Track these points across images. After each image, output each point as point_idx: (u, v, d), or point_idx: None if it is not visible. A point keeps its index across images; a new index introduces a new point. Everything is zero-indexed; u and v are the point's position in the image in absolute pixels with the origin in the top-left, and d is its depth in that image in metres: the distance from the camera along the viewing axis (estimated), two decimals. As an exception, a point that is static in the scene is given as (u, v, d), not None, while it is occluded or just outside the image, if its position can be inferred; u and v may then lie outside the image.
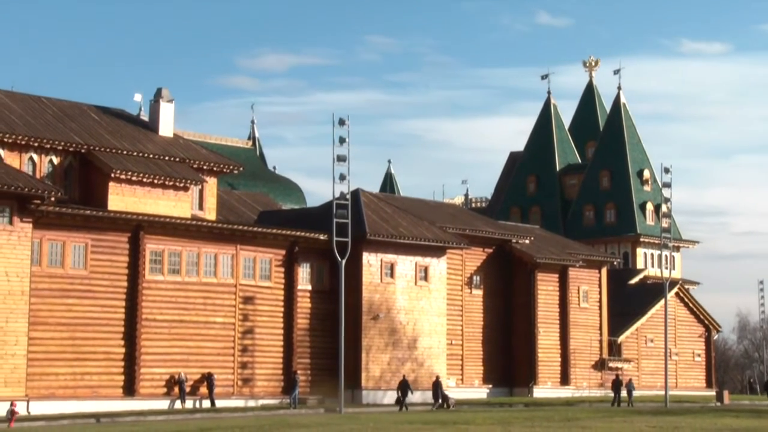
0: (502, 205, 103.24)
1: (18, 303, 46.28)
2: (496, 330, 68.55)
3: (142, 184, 53.59)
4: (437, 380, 57.64)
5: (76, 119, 55.55)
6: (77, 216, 49.44)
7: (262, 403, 54.47)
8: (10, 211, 46.32)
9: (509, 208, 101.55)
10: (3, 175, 46.48)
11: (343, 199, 52.68)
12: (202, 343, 53.46)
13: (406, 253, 60.64)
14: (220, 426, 38.63)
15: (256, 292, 55.77)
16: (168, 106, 58.93)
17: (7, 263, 46.01)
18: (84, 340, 49.38)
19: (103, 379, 49.90)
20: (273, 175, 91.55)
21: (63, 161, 52.83)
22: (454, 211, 75.08)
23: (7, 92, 55.23)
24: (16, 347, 46.08)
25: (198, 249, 53.56)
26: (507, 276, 69.50)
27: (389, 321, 59.63)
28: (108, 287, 50.41)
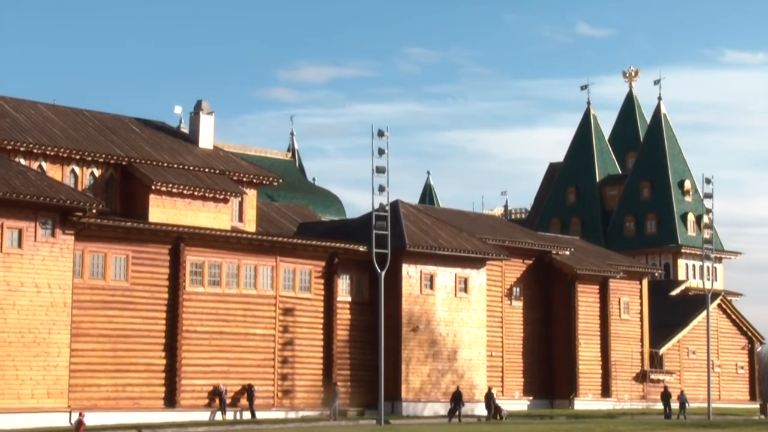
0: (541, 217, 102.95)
1: (60, 315, 46.67)
2: (536, 341, 68.38)
3: (182, 196, 53.97)
4: (489, 391, 57.84)
5: (117, 132, 56.03)
6: (118, 228, 49.84)
7: (302, 414, 54.62)
8: (52, 224, 46.76)
9: (549, 219, 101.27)
10: (45, 188, 46.96)
11: (383, 211, 52.81)
12: (242, 355, 53.68)
13: (445, 264, 60.63)
14: (261, 438, 38.78)
15: (296, 303, 55.96)
16: (208, 118, 59.32)
17: (49, 275, 46.42)
18: (125, 352, 49.72)
19: (145, 390, 50.22)
20: (312, 187, 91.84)
21: (104, 173, 53.29)
22: (494, 223, 75.03)
23: (49, 105, 55.83)
24: (58, 359, 46.47)
25: (238, 261, 53.83)
26: (547, 287, 69.35)
27: (429, 332, 59.63)
28: (149, 299, 50.75)
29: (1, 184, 45.41)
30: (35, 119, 53.35)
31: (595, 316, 70.28)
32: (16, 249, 45.64)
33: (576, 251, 71.29)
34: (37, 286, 46.05)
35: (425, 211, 66.66)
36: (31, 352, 45.63)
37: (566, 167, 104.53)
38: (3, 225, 45.33)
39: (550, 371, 68.71)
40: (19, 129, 51.63)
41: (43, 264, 46.33)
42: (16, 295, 45.42)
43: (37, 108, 54.65)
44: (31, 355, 45.63)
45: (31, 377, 45.53)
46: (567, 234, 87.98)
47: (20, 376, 45.23)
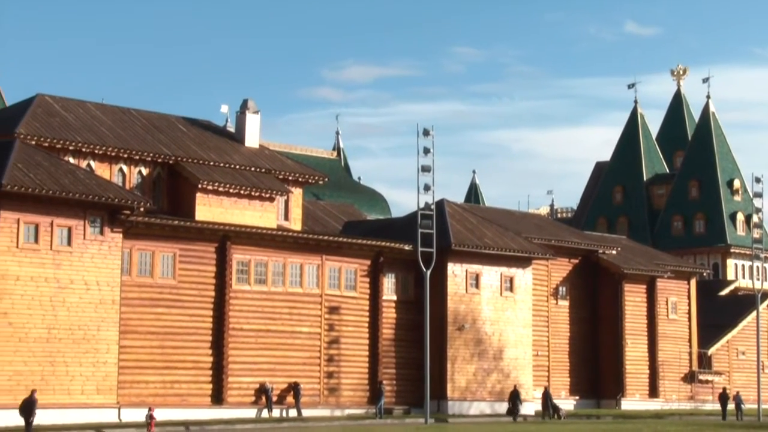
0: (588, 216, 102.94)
1: (109, 312, 47.47)
2: (582, 341, 68.52)
3: (228, 195, 54.63)
4: (546, 391, 58.32)
5: (164, 131, 56.80)
6: (166, 226, 50.56)
7: (348, 412, 55.11)
8: (101, 222, 47.56)
9: (596, 219, 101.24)
10: (94, 186, 47.76)
11: (428, 210, 53.18)
12: (288, 353, 54.27)
13: (491, 263, 60.91)
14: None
15: (342, 302, 56.48)
16: (254, 117, 59.96)
17: (98, 273, 47.22)
18: (173, 349, 50.43)
19: (192, 387, 50.92)
20: (358, 186, 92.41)
21: (152, 172, 54.05)
22: (540, 222, 75.18)
23: (97, 104, 56.71)
24: (107, 355, 47.26)
25: (284, 259, 54.42)
26: (593, 287, 69.46)
27: (475, 331, 59.95)
28: (196, 297, 51.44)
29: (51, 182, 46.27)
30: (84, 118, 54.21)
31: (642, 316, 70.31)
32: (65, 247, 46.47)
33: (623, 251, 71.32)
34: (86, 284, 46.85)
35: (471, 210, 66.96)
36: (80, 349, 46.45)
37: (613, 166, 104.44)
38: (53, 223, 46.17)
39: (597, 371, 68.82)
40: (68, 128, 52.51)
41: (92, 262, 47.12)
42: (66, 292, 46.26)
43: (85, 107, 55.53)
44: (81, 352, 46.45)
45: (81, 373, 46.35)
46: (614, 233, 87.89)
47: (70, 372, 46.07)
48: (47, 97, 54.47)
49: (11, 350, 44.75)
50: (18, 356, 44.89)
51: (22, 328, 45.11)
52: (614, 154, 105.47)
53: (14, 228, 45.26)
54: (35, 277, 45.56)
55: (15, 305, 45.01)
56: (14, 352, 44.81)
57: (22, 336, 45.11)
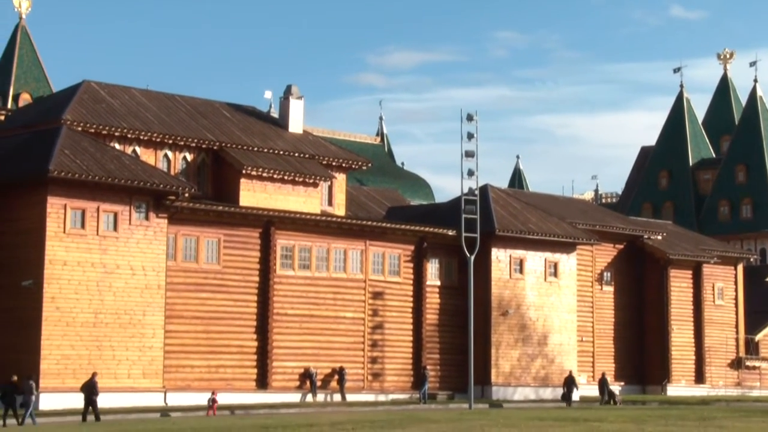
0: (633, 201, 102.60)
1: (154, 297, 48.03)
2: (627, 327, 68.43)
3: (272, 180, 54.98)
4: (603, 377, 58.43)
5: (208, 116, 57.21)
6: (210, 212, 51.01)
7: (392, 397, 55.42)
8: (146, 207, 48.08)
9: (641, 204, 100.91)
10: (139, 172, 48.29)
11: (472, 195, 53.26)
12: (332, 338, 54.65)
13: (535, 249, 60.95)
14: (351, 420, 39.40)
15: (386, 287, 56.75)
16: (298, 102, 60.26)
17: (143, 258, 47.78)
18: (218, 334, 50.96)
19: (237, 372, 51.43)
20: (401, 171, 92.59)
21: (196, 158, 54.51)
22: (584, 207, 75.07)
23: (142, 91, 57.22)
24: (153, 340, 47.86)
25: (327, 244, 54.75)
26: (639, 272, 69.33)
27: (519, 317, 60.05)
28: (240, 282, 51.91)
29: (97, 168, 46.83)
30: (129, 105, 54.72)
31: (688, 301, 70.09)
32: (111, 232, 47.06)
33: (668, 236, 71.10)
34: (132, 269, 47.43)
35: (514, 195, 66.98)
36: (127, 333, 47.08)
37: (658, 151, 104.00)
38: (99, 208, 46.75)
39: (643, 357, 68.76)
40: (113, 114, 53.04)
41: (137, 247, 47.68)
42: (112, 277, 46.86)
43: (130, 93, 56.04)
44: (127, 336, 47.07)
45: (127, 357, 46.98)
46: (659, 219, 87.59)
47: (117, 356, 46.71)
48: (93, 83, 55.04)
49: (59, 334, 45.44)
50: (65, 340, 45.58)
51: (69, 312, 45.78)
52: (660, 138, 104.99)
53: (61, 213, 45.89)
54: (82, 262, 46.19)
55: (62, 290, 45.67)
56: (62, 336, 45.50)
57: (70, 320, 45.77)
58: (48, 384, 44.67)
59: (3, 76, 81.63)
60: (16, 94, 79.83)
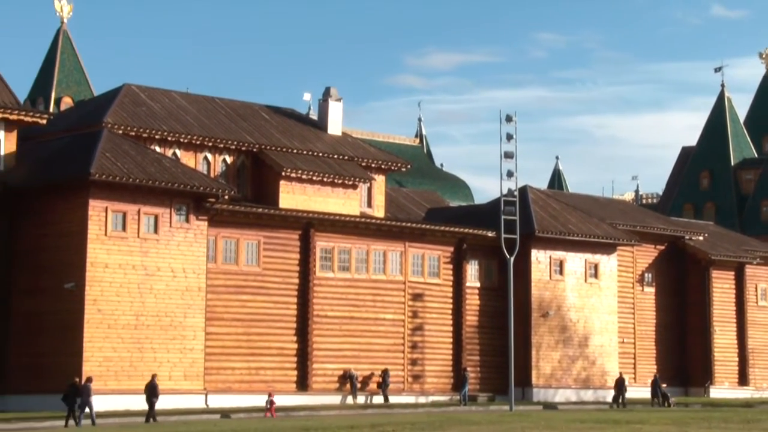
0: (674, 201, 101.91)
1: (195, 299, 48.24)
2: (669, 329, 68.04)
3: (312, 183, 55.11)
4: (655, 378, 58.23)
5: (248, 119, 57.43)
6: (250, 214, 51.17)
7: (432, 399, 55.38)
8: (186, 210, 48.29)
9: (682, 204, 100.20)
10: (180, 174, 48.52)
11: (511, 196, 53.16)
12: (372, 340, 54.69)
13: (575, 250, 60.75)
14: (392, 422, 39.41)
15: (425, 289, 56.73)
16: (336, 104, 60.36)
17: (184, 260, 48.00)
18: (258, 336, 51.10)
19: (277, 374, 51.55)
20: (440, 173, 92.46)
21: (236, 160, 54.72)
22: (625, 208, 74.72)
23: (182, 94, 57.53)
24: (194, 342, 48.06)
25: (367, 246, 54.79)
26: (680, 273, 68.91)
27: (559, 318, 59.86)
28: (280, 284, 52.04)
29: (138, 171, 47.11)
30: (169, 107, 55.03)
31: (730, 302, 69.61)
32: (152, 234, 47.31)
33: (710, 237, 70.63)
34: (172, 271, 47.66)
35: (554, 196, 66.76)
36: (168, 335, 47.30)
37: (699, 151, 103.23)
38: (140, 211, 47.02)
39: (685, 359, 68.33)
40: (154, 117, 53.35)
41: (178, 249, 47.91)
42: (153, 279, 47.11)
43: (171, 96, 56.35)
44: (168, 338, 47.30)
45: (168, 359, 47.21)
46: (701, 219, 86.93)
47: (158, 359, 46.93)
48: (134, 86, 55.40)
49: (101, 336, 45.74)
50: (107, 343, 45.88)
51: (111, 315, 46.07)
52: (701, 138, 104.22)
53: (102, 216, 46.20)
54: (123, 265, 46.47)
55: (104, 292, 45.97)
56: (104, 338, 45.80)
57: (111, 323, 46.06)
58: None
59: (45, 80, 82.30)
60: (57, 97, 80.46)
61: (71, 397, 40.23)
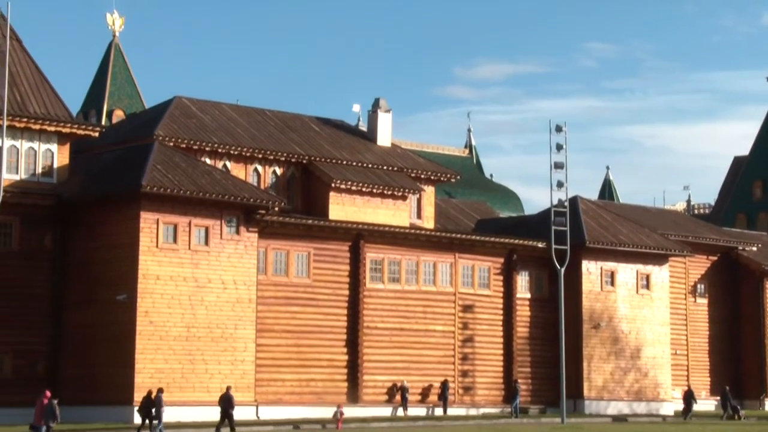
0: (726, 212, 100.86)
1: (246, 310, 48.33)
2: (723, 340, 67.38)
3: (361, 194, 55.12)
4: (725, 390, 58.03)
5: (297, 131, 57.56)
6: (300, 225, 51.23)
7: (483, 411, 55.17)
8: (237, 221, 48.43)
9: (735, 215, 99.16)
10: (230, 186, 48.68)
11: (562, 207, 52.90)
12: (422, 351, 54.52)
13: (626, 260, 60.30)
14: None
15: (476, 300, 56.52)
16: (386, 116, 60.38)
17: (234, 272, 48.11)
18: (308, 347, 51.09)
19: (328, 385, 51.49)
20: (490, 183, 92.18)
21: (286, 172, 54.83)
22: (676, 218, 74.11)
23: (232, 106, 57.77)
24: (245, 353, 48.13)
25: (417, 257, 54.69)
26: (733, 284, 68.24)
27: (611, 330, 59.41)
28: (330, 295, 52.02)
29: (189, 183, 47.32)
30: (220, 120, 55.27)
31: (786, 314, 68.74)
32: (203, 246, 47.49)
33: (764, 247, 69.92)
34: (223, 283, 47.79)
35: (605, 207, 66.38)
36: (219, 347, 47.41)
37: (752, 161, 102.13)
38: (191, 223, 47.22)
39: (739, 371, 67.57)
40: (204, 129, 53.60)
41: (228, 261, 48.04)
42: (204, 291, 47.27)
43: (221, 108, 56.61)
44: (219, 350, 47.40)
45: (220, 371, 47.27)
46: (753, 230, 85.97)
47: (209, 370, 47.05)
48: (184, 99, 55.71)
49: (152, 348, 45.93)
50: (159, 354, 46.06)
51: (162, 326, 46.27)
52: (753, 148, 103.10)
53: (154, 228, 46.44)
54: (174, 277, 46.67)
55: (155, 304, 46.18)
56: (155, 350, 45.99)
57: (163, 334, 46.25)
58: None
59: (97, 94, 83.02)
60: (109, 110, 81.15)
61: (146, 408, 40.66)
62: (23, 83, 49.54)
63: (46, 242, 48.41)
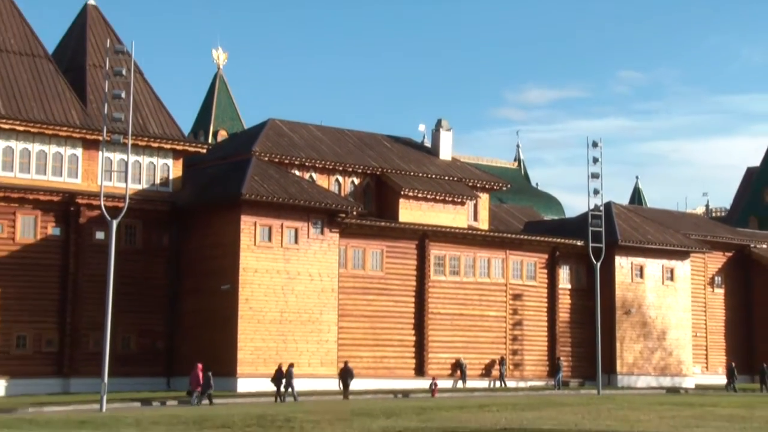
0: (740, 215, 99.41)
1: (329, 298, 48.63)
2: (737, 325, 66.56)
3: (426, 200, 55.18)
4: (763, 367, 57.41)
5: (372, 147, 57.76)
6: (374, 227, 51.43)
7: (530, 384, 54.95)
8: (321, 223, 48.78)
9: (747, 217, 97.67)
10: (315, 194, 49.03)
11: (597, 211, 52.63)
12: (478, 333, 54.46)
13: (653, 257, 59.78)
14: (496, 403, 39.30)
15: (524, 290, 56.34)
16: (447, 134, 60.38)
17: (320, 266, 48.46)
18: (382, 329, 51.26)
19: (398, 362, 51.63)
20: (536, 191, 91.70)
21: (362, 182, 55.06)
22: (696, 220, 73.30)
23: (317, 126, 58.12)
24: (328, 335, 48.45)
25: (473, 254, 54.65)
26: (746, 277, 67.41)
27: (640, 315, 58.93)
28: (400, 285, 52.14)
29: (281, 191, 47.74)
30: (306, 138, 55.64)
31: (792, 301, 67.68)
32: (293, 245, 47.87)
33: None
34: (310, 275, 48.13)
35: (635, 211, 65.85)
36: (306, 329, 47.76)
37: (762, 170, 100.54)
38: (283, 225, 47.62)
39: (752, 350, 66.67)
40: (294, 146, 54.01)
41: (314, 257, 48.36)
42: (294, 282, 47.65)
43: (308, 128, 56.97)
44: (307, 331, 47.76)
45: (307, 349, 47.64)
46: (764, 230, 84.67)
47: (299, 348, 47.43)
48: (277, 121, 56.15)
49: (252, 330, 46.40)
50: (257, 335, 46.51)
51: (260, 311, 46.71)
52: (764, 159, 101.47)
53: (252, 229, 46.90)
54: (269, 270, 47.09)
55: (254, 293, 46.64)
56: (254, 331, 46.45)
57: (260, 318, 46.69)
58: (244, 371, 45.65)
59: (204, 116, 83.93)
60: (215, 130, 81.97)
61: (278, 379, 41.65)
62: (144, 108, 50.35)
63: (164, 241, 49.15)
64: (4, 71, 47.93)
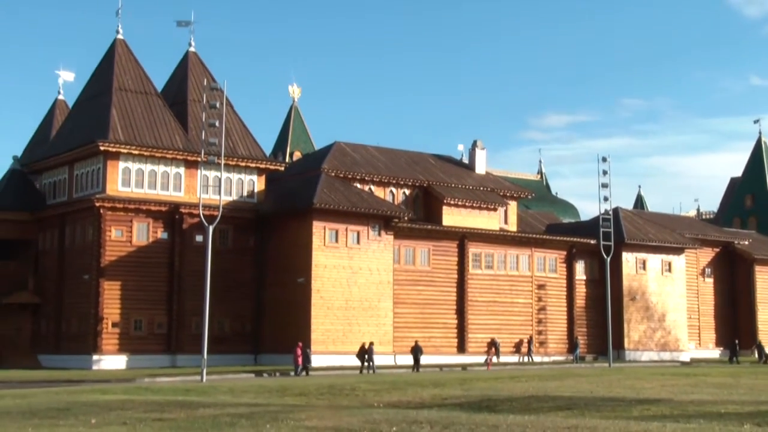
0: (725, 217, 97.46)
1: (385, 289, 48.23)
2: (724, 308, 65.19)
3: (465, 207, 54.61)
4: (759, 343, 56.52)
5: (420, 164, 57.32)
6: (422, 230, 50.98)
7: (553, 359, 54.12)
8: (379, 227, 48.43)
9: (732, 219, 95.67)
10: (374, 203, 48.69)
11: (607, 215, 51.81)
12: (509, 317, 53.74)
13: (654, 252, 58.63)
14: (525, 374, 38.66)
15: (546, 281, 55.50)
16: (482, 152, 59.76)
17: (378, 262, 48.09)
18: (429, 314, 50.77)
19: (443, 341, 51.09)
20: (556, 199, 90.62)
21: (412, 193, 54.63)
22: (690, 222, 71.95)
23: (375, 147, 57.78)
24: (385, 319, 48.05)
25: (505, 251, 53.95)
26: (731, 268, 65.99)
27: (644, 301, 57.81)
28: (444, 278, 51.61)
29: (345, 201, 47.47)
30: (366, 157, 55.35)
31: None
32: (356, 245, 47.55)
33: (753, 242, 67.54)
34: (369, 270, 47.77)
35: (638, 214, 64.76)
36: (367, 314, 47.40)
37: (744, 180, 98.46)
38: (347, 229, 47.33)
39: (736, 329, 65.20)
40: (355, 164, 53.73)
41: (373, 255, 48.01)
42: (357, 276, 47.32)
43: (367, 149, 56.66)
44: (368, 317, 47.39)
45: (368, 331, 47.23)
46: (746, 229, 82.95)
47: (361, 330, 47.06)
48: (342, 143, 55.92)
49: (322, 315, 46.16)
50: (326, 319, 46.26)
51: (329, 300, 46.45)
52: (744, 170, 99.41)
53: (322, 233, 46.68)
54: (336, 266, 46.81)
55: (324, 285, 46.40)
56: (324, 316, 46.21)
57: (329, 305, 46.43)
58: (317, 349, 45.40)
59: (282, 140, 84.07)
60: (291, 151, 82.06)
61: (362, 355, 41.58)
62: (234, 135, 50.41)
63: (250, 243, 49.14)
64: (123, 106, 48.30)
